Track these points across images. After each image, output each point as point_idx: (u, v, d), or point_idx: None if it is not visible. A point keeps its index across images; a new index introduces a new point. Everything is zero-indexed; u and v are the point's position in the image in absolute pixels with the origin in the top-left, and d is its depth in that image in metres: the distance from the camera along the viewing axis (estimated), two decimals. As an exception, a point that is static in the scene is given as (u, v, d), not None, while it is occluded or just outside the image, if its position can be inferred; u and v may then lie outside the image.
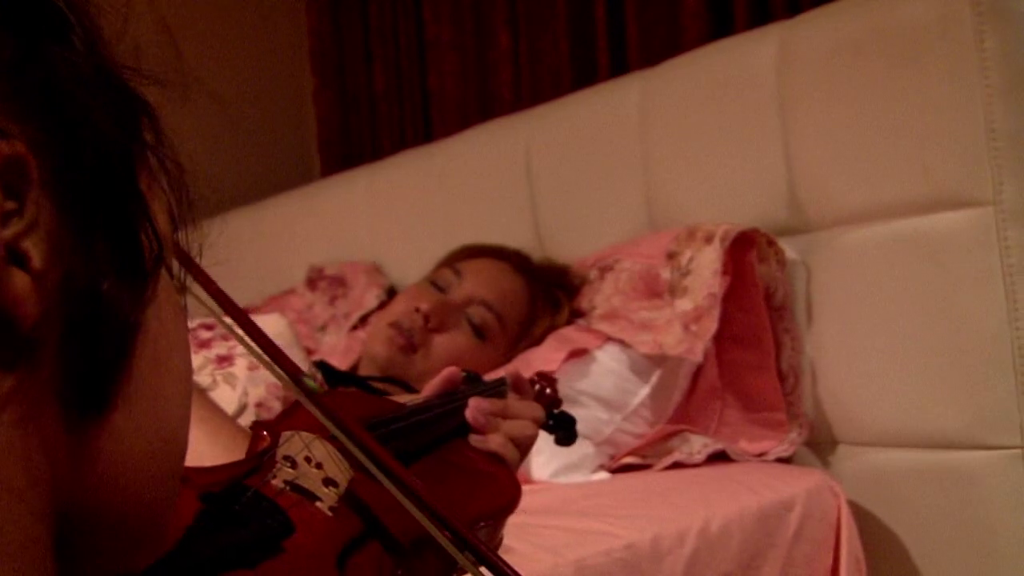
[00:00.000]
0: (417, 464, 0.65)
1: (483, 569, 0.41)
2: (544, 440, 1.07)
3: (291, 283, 2.14)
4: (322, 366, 1.42)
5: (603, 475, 1.29)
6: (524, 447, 0.77)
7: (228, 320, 0.43)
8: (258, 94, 2.76)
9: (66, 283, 0.30)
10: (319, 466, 0.46)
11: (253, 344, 0.43)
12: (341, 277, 2.01)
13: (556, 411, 0.89)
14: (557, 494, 1.17)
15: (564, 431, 0.89)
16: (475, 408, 0.74)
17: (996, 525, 1.11)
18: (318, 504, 0.45)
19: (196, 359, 1.34)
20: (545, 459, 1.26)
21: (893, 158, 1.18)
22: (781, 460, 1.28)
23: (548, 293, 1.46)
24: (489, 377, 0.88)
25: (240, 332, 0.43)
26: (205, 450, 0.76)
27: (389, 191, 2.07)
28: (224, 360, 1.35)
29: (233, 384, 1.31)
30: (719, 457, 1.28)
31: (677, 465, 1.26)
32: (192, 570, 0.39)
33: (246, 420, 1.19)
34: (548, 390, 0.89)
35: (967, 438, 1.12)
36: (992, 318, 1.09)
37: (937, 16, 1.13)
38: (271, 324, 1.45)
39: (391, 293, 1.89)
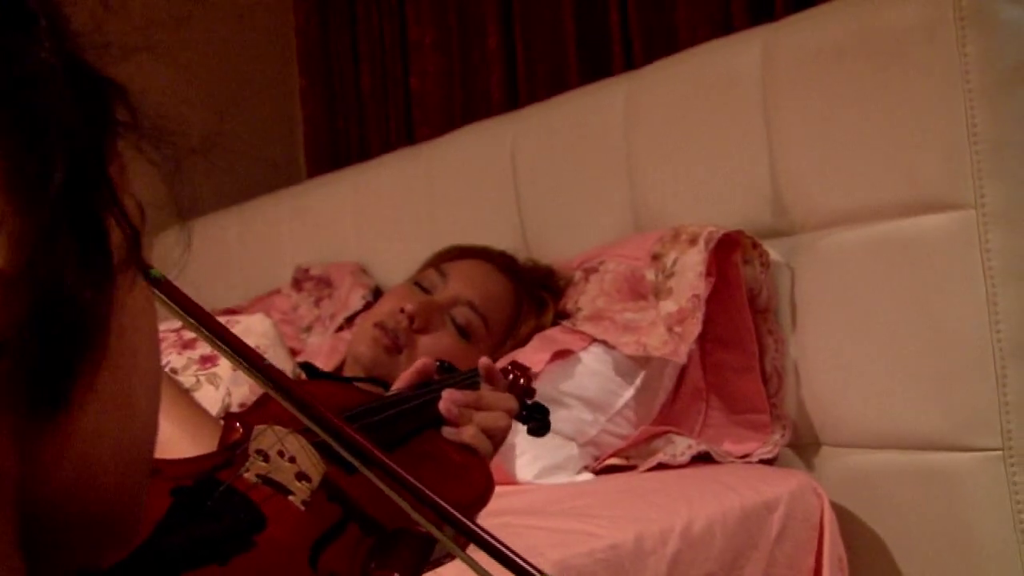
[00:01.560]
0: (390, 456, 0.64)
1: (469, 551, 0.41)
2: (528, 441, 1.07)
3: (277, 284, 2.13)
4: (306, 367, 1.42)
5: (587, 476, 1.28)
6: (497, 438, 0.77)
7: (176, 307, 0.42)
8: (245, 94, 2.75)
9: (30, 282, 0.29)
10: (292, 460, 0.45)
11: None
12: (327, 278, 2.01)
13: (530, 401, 0.88)
14: (541, 495, 1.17)
15: (537, 421, 0.88)
16: (448, 400, 0.73)
17: (976, 526, 1.11)
18: (291, 498, 0.45)
19: (180, 359, 1.33)
20: (529, 460, 1.26)
21: (876, 161, 1.19)
22: (764, 461, 1.28)
23: (533, 294, 1.46)
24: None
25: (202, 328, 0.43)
26: (187, 451, 0.76)
27: (375, 192, 2.07)
28: (208, 360, 1.35)
29: (216, 384, 1.30)
30: (703, 458, 1.28)
31: (661, 466, 1.26)
32: (163, 565, 0.39)
33: (228, 420, 1.18)
34: (522, 380, 0.88)
35: (948, 440, 1.12)
36: (973, 321, 1.10)
37: (920, 21, 1.13)
38: (256, 324, 1.45)
39: (377, 294, 1.89)
